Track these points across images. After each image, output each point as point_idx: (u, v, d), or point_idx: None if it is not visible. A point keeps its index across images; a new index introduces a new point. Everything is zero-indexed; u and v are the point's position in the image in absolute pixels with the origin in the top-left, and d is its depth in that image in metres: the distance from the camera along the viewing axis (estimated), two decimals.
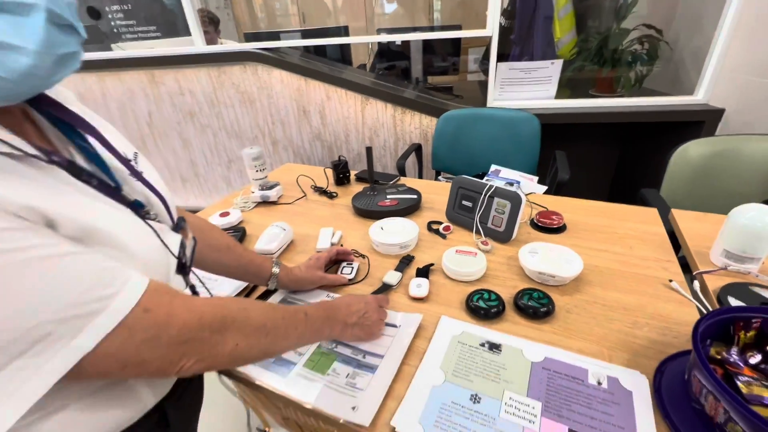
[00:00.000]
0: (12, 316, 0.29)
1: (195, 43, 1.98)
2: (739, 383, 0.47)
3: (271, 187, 1.19)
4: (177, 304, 0.39)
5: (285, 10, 4.31)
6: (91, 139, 0.45)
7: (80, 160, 0.43)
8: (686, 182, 1.27)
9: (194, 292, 0.55)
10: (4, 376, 0.30)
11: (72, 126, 0.44)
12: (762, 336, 0.53)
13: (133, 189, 0.47)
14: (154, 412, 0.48)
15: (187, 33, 1.96)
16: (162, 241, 0.45)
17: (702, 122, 1.64)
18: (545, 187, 1.41)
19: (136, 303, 0.35)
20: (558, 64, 1.78)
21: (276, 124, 2.11)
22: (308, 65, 1.94)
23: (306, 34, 2.29)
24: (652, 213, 0.99)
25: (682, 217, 0.95)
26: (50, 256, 0.31)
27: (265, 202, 1.19)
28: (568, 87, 2.12)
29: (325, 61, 2.20)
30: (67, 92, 0.47)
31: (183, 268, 0.50)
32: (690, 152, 1.26)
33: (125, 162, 0.47)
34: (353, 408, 0.53)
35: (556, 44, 2.22)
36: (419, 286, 0.75)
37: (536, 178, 1.47)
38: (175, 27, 2.17)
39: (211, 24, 2.28)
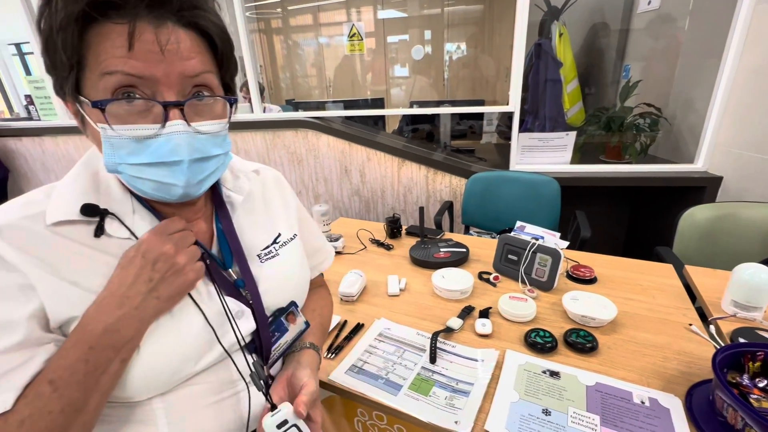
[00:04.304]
0: None
1: (255, 111, 2.30)
2: (751, 399, 0.63)
3: (336, 239, 1.39)
4: None
5: (304, 72, 4.56)
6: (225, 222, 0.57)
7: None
8: (695, 241, 1.45)
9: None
10: None
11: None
12: (766, 366, 0.69)
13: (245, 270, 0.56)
14: None
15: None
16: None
17: (704, 187, 1.86)
18: (567, 242, 1.60)
19: None
20: (572, 135, 2.05)
21: (319, 180, 2.36)
22: (352, 131, 2.24)
23: (347, 104, 2.61)
24: (668, 268, 1.17)
25: (694, 273, 1.13)
26: None
27: None
28: (579, 152, 2.39)
29: (364, 127, 2.50)
30: (245, 183, 0.63)
31: None
32: (696, 216, 1.46)
33: (239, 252, 0.57)
34: (456, 422, 0.68)
35: (565, 113, 2.52)
36: (484, 325, 0.92)
37: (558, 234, 1.66)
38: None
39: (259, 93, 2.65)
